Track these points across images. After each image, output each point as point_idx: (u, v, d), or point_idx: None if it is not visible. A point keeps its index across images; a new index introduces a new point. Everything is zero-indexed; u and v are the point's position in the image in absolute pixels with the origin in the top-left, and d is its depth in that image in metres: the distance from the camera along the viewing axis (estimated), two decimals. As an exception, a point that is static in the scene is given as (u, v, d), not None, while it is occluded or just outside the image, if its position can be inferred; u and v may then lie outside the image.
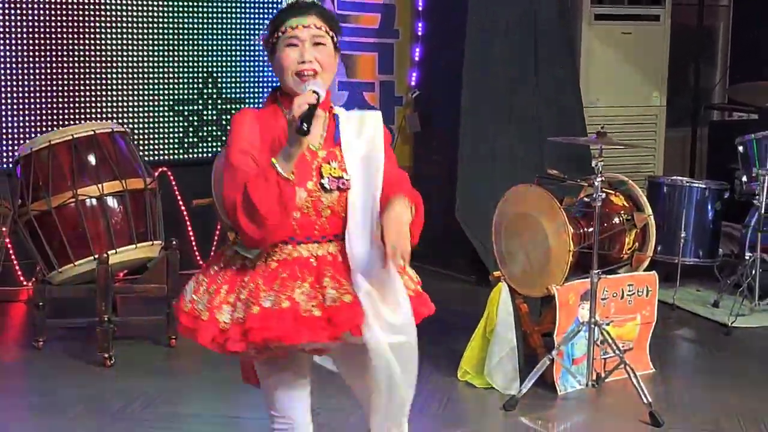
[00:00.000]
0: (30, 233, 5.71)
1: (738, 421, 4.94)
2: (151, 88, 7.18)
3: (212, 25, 7.33)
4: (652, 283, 5.53)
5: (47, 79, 6.81)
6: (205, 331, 2.99)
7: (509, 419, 4.93)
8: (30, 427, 4.84)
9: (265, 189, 2.83)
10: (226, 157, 3.00)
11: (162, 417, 4.85)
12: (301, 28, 3.01)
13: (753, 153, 6.94)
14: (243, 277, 3.01)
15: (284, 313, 2.90)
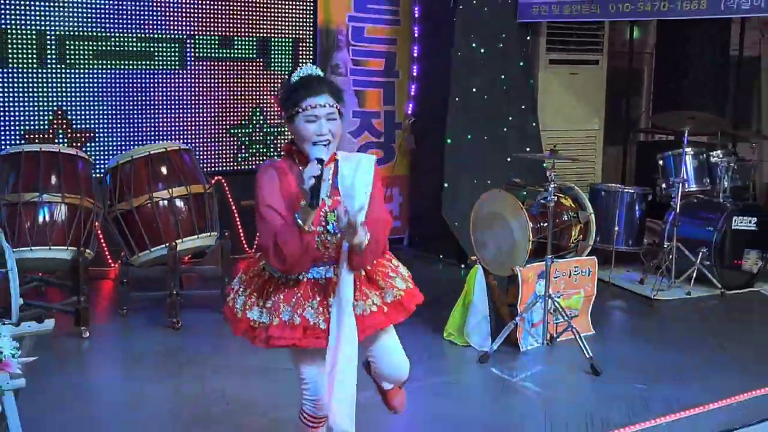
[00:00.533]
0: (116, 227, 5.72)
1: (658, 370, 4.95)
2: (211, 115, 7.17)
3: (258, 68, 7.32)
4: (592, 266, 5.53)
5: (130, 105, 6.80)
6: (239, 325, 3.10)
7: (482, 370, 4.93)
8: (117, 374, 4.85)
9: (291, 239, 2.87)
10: (257, 210, 2.99)
11: (218, 367, 4.86)
12: (318, 107, 2.95)
13: (670, 166, 6.95)
14: (269, 288, 3.07)
15: (296, 327, 2.99)
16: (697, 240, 6.61)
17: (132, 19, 6.70)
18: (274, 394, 4.47)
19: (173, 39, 6.90)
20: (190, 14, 6.94)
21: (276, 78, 7.41)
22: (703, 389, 4.66)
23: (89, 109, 6.63)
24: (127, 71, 6.75)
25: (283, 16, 7.35)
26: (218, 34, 7.09)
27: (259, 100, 7.37)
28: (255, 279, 3.12)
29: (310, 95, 2.95)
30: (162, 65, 6.89)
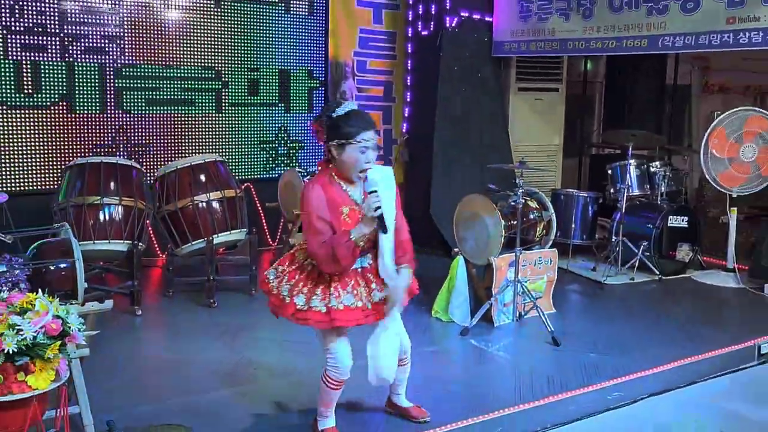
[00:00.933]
0: (163, 224, 5.72)
1: (607, 342, 4.95)
2: (243, 131, 7.16)
3: (286, 90, 7.31)
4: (554, 256, 5.52)
5: (174, 122, 6.80)
6: (286, 309, 3.10)
7: (464, 341, 4.93)
8: (165, 344, 4.85)
9: (345, 251, 2.94)
10: (308, 221, 2.99)
11: (247, 340, 4.86)
12: (370, 140, 3.00)
13: (617, 174, 6.94)
14: (315, 275, 3.08)
15: (357, 309, 3.07)
16: (639, 235, 6.61)
17: (176, 60, 6.69)
18: (291, 361, 4.48)
19: (210, 78, 6.89)
20: (224, 52, 6.93)
21: (295, 102, 7.40)
22: (643, 357, 4.67)
23: (144, 128, 6.62)
24: (173, 111, 6.73)
25: (299, 51, 7.35)
26: (246, 66, 7.09)
27: (281, 119, 7.36)
28: (297, 271, 3.11)
29: (364, 130, 3.00)
30: (199, 82, 6.88)
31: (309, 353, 4.45)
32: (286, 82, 7.30)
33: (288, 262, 3.19)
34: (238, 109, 7.08)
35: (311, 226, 2.98)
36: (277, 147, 7.37)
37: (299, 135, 7.48)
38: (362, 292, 3.11)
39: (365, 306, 3.10)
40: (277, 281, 3.16)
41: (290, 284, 3.10)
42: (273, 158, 7.37)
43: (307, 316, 3.06)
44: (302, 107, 7.45)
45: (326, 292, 3.06)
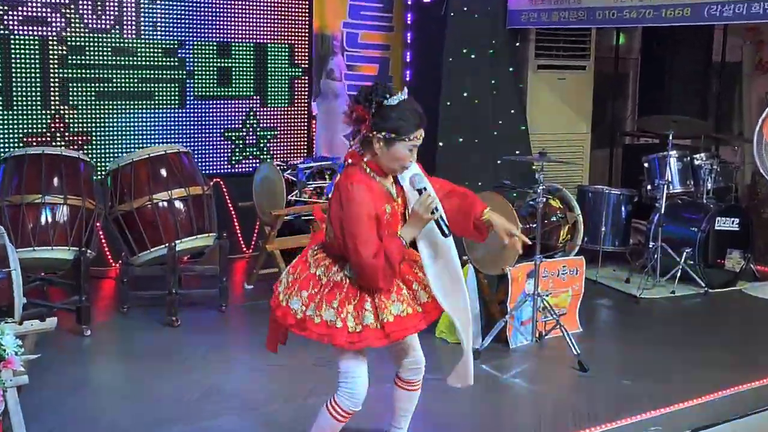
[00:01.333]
0: (117, 227, 5.71)
1: (643, 367, 4.95)
2: (208, 119, 7.16)
3: (250, 74, 7.31)
4: (580, 265, 5.53)
5: (129, 113, 6.79)
6: (340, 335, 3.11)
7: (474, 367, 4.91)
8: (117, 370, 4.84)
9: (398, 256, 3.04)
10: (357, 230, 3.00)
11: (216, 363, 4.85)
12: (420, 138, 3.12)
13: (655, 168, 6.95)
14: (357, 292, 3.13)
15: (410, 316, 3.15)
16: (681, 240, 6.62)
17: (131, 25, 6.69)
18: (268, 389, 4.47)
19: (171, 48, 6.89)
20: (187, 20, 6.93)
21: (274, 83, 7.40)
22: (686, 385, 4.67)
23: (87, 112, 6.62)
24: (128, 80, 6.73)
25: (279, 23, 7.35)
26: (216, 40, 7.09)
27: (253, 104, 7.36)
28: (337, 291, 3.14)
29: (417, 127, 3.10)
30: (162, 73, 6.88)
31: (288, 380, 4.45)
32: (262, 67, 7.30)
33: (311, 283, 3.18)
34: (205, 94, 7.09)
35: (360, 235, 2.99)
36: (246, 136, 7.37)
37: (272, 121, 7.48)
38: (407, 296, 3.19)
39: (416, 310, 3.18)
40: (313, 308, 3.14)
41: (334, 307, 3.11)
42: (243, 150, 7.37)
43: (363, 337, 3.10)
44: (281, 100, 7.46)
45: (374, 305, 3.12)
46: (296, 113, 7.61)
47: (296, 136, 7.62)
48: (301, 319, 3.15)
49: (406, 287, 3.20)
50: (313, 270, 3.19)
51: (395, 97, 3.09)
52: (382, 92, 3.10)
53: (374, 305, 3.11)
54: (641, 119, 8.30)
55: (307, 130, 7.68)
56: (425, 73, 7.59)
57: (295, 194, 6.43)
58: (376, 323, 3.10)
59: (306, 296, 3.15)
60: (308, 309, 3.14)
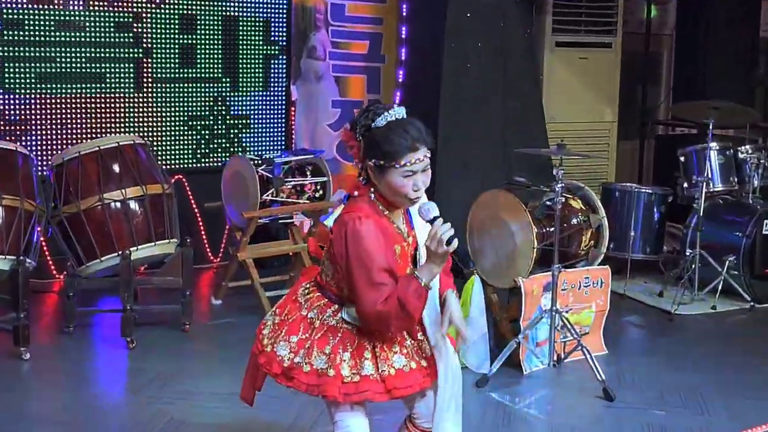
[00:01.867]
0: (61, 232, 5.70)
1: (680, 395, 4.96)
2: (168, 105, 7.16)
3: (218, 53, 7.31)
4: (605, 276, 5.54)
5: (76, 97, 6.78)
6: (332, 386, 3.09)
7: (481, 395, 4.93)
8: (61, 401, 4.82)
9: (416, 301, 2.99)
10: (365, 273, 2.99)
11: (177, 394, 4.83)
12: (418, 162, 3.05)
13: (693, 163, 6.96)
14: (355, 338, 3.12)
15: (413, 372, 3.14)
16: (723, 246, 6.64)
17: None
18: (241, 423, 4.45)
19: (125, 20, 6.88)
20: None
21: (245, 63, 7.40)
22: (730, 416, 4.68)
23: (26, 98, 6.61)
24: (71, 51, 6.73)
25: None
26: (178, 12, 7.08)
27: (221, 88, 7.36)
28: (331, 336, 3.12)
29: (409, 150, 3.04)
30: (114, 49, 6.87)
31: (262, 412, 4.43)
32: (232, 45, 7.30)
33: (301, 327, 3.17)
34: (166, 80, 7.10)
35: (370, 279, 2.99)
36: (214, 126, 7.36)
37: (243, 108, 7.47)
38: (411, 348, 3.19)
39: (420, 365, 3.18)
40: (302, 355, 3.14)
41: (326, 353, 3.11)
42: (210, 141, 7.37)
43: (361, 388, 3.09)
44: (256, 84, 7.46)
45: (374, 354, 3.13)
46: (272, 98, 7.61)
47: (272, 125, 7.62)
48: (288, 368, 3.14)
49: (410, 338, 3.20)
50: (304, 312, 3.18)
51: (383, 117, 3.07)
52: (372, 115, 3.08)
53: (374, 354, 3.11)
54: (676, 105, 8.33)
55: (285, 119, 7.68)
56: (424, 51, 7.59)
57: (271, 193, 6.42)
58: (377, 374, 3.10)
59: (295, 342, 3.14)
60: (297, 356, 3.13)
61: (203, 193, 7.01)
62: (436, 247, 2.99)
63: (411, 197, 3.08)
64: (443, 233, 3.00)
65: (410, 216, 3.21)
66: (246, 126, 7.51)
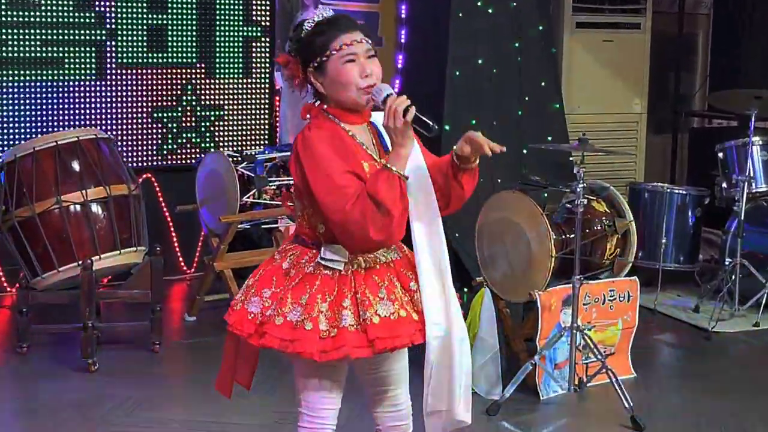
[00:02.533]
0: (14, 239, 5.70)
1: (718, 425, 4.97)
2: (135, 94, 7.17)
3: (191, 35, 7.32)
4: (633, 289, 5.55)
5: (30, 86, 6.79)
6: (308, 341, 3.05)
7: (492, 424, 4.94)
8: (14, 430, 4.84)
9: (389, 190, 2.95)
10: (324, 181, 3.01)
11: (146, 421, 4.83)
12: (355, 44, 3.09)
13: (733, 160, 6.97)
14: (335, 286, 3.10)
15: (402, 320, 3.10)
16: (767, 255, 6.65)
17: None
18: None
19: (87, 1, 6.92)
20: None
21: (222, 45, 7.42)
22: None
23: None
24: (25, 39, 6.74)
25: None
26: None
27: (193, 74, 7.37)
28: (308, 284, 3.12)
29: (342, 32, 3.11)
30: (76, 35, 6.89)
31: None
32: (208, 26, 7.31)
33: (274, 279, 3.18)
34: (127, 68, 7.13)
35: (331, 181, 3.00)
36: (183, 117, 7.37)
37: (219, 97, 7.49)
38: (401, 296, 3.15)
39: (411, 316, 3.13)
40: (273, 308, 3.13)
41: (301, 303, 3.10)
42: (178, 135, 7.37)
43: (338, 343, 3.05)
44: (234, 71, 7.47)
45: (355, 301, 3.09)
46: (253, 87, 7.62)
47: (253, 117, 7.63)
48: (260, 324, 3.12)
49: (401, 285, 3.17)
50: (277, 262, 3.20)
51: (309, 22, 3.15)
52: (299, 26, 3.18)
53: (355, 301, 3.08)
54: (714, 94, 8.34)
55: (268, 110, 7.70)
56: (427, 34, 7.60)
57: (253, 195, 6.43)
58: (356, 324, 3.06)
59: (268, 295, 3.14)
60: (269, 309, 3.12)
61: (175, 195, 7.02)
62: (393, 123, 3.01)
63: (361, 85, 3.09)
64: (397, 104, 3.02)
65: (382, 138, 3.21)
66: (223, 118, 7.52)
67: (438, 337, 3.13)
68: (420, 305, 3.14)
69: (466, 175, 3.19)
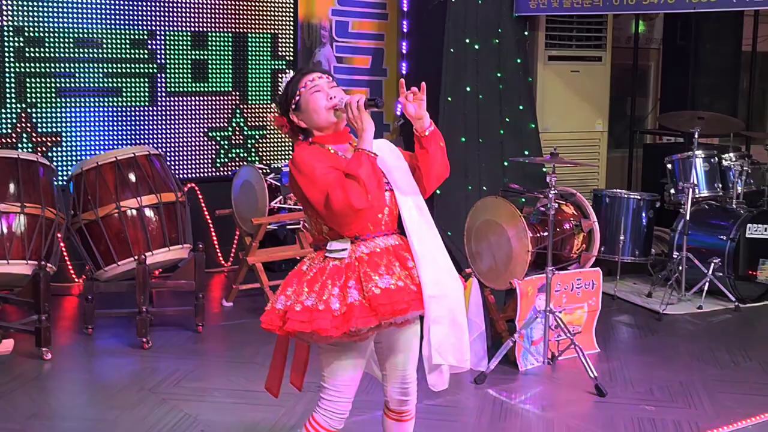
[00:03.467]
0: (80, 239, 5.70)
1: (668, 390, 4.96)
2: (187, 117, 7.17)
3: (240, 67, 7.33)
4: (597, 278, 5.54)
5: (94, 111, 6.79)
6: (323, 319, 3.04)
7: (479, 391, 4.93)
8: (82, 399, 4.83)
9: (358, 163, 3.03)
10: (312, 181, 3.06)
11: (191, 391, 4.84)
12: (317, 79, 3.22)
13: (679, 170, 6.98)
14: (342, 272, 3.11)
15: (400, 289, 3.07)
16: (708, 249, 6.65)
17: (100, 19, 6.70)
18: (252, 419, 4.46)
19: (140, 37, 6.90)
20: (158, 8, 6.94)
21: (254, 76, 7.42)
22: (716, 411, 4.68)
23: (46, 111, 6.62)
24: (96, 69, 6.75)
25: (260, 10, 7.36)
26: (191, 29, 7.10)
27: (237, 100, 7.37)
28: (319, 275, 3.12)
29: (305, 74, 3.24)
30: (132, 68, 6.89)
31: (273, 408, 4.44)
32: (242, 60, 7.32)
33: (295, 280, 3.17)
34: (182, 89, 7.12)
35: (317, 180, 3.05)
36: (232, 136, 7.38)
37: (257, 120, 7.49)
38: (399, 272, 3.13)
39: (409, 286, 3.10)
40: (293, 299, 3.12)
41: (315, 291, 3.09)
42: (225, 151, 7.38)
43: (347, 318, 3.03)
44: (263, 96, 7.48)
45: (359, 279, 3.09)
46: (280, 111, 7.61)
47: (280, 136, 7.63)
48: (284, 311, 3.13)
49: (399, 263, 3.14)
50: (299, 267, 3.23)
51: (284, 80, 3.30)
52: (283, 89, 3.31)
53: (359, 279, 3.08)
54: (663, 115, 8.31)
55: (292, 130, 7.68)
56: (424, 66, 7.60)
57: (279, 201, 6.43)
58: (360, 297, 3.05)
59: (290, 292, 3.15)
60: (289, 300, 3.13)
61: (215, 201, 7.02)
62: (352, 112, 3.14)
63: (327, 106, 3.19)
64: (350, 99, 3.17)
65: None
66: (257, 138, 7.51)
67: (434, 297, 3.12)
68: (417, 281, 3.12)
69: (425, 140, 3.31)
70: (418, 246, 3.17)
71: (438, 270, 3.16)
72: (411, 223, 3.20)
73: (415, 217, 3.21)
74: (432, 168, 3.27)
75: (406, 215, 3.21)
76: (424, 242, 3.19)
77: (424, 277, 3.12)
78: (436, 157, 3.28)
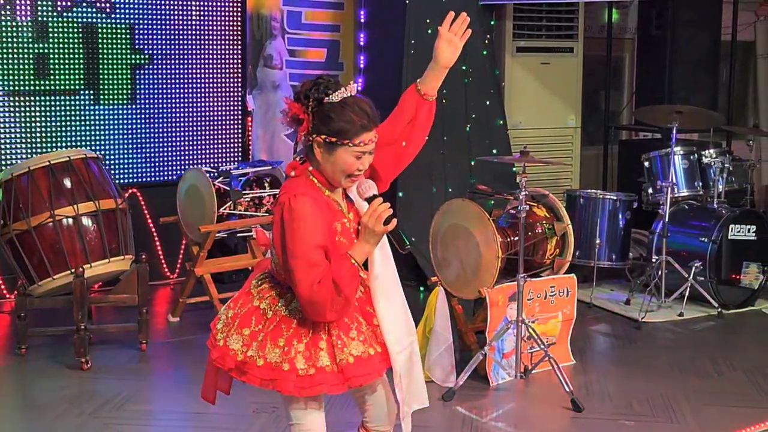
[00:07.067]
0: (11, 250, 5.64)
1: (649, 404, 5.01)
2: (120, 118, 7.12)
3: (174, 56, 7.30)
4: (571, 285, 5.58)
5: (24, 109, 6.73)
6: (287, 380, 3.07)
7: (447, 409, 4.94)
8: (14, 426, 4.77)
9: (349, 279, 3.00)
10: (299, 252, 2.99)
11: (135, 415, 4.80)
12: (370, 143, 3.09)
13: (657, 168, 7.03)
14: (310, 328, 3.11)
15: (371, 358, 3.14)
16: (689, 252, 6.71)
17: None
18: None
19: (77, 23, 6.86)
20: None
21: (203, 73, 7.38)
22: (699, 425, 4.72)
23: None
24: (20, 65, 6.68)
25: (206, 1, 7.34)
26: (125, 23, 7.06)
27: (180, 96, 7.33)
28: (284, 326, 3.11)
29: (364, 130, 3.07)
30: (64, 51, 6.84)
31: (219, 429, 4.42)
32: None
33: (254, 319, 3.15)
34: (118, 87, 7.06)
35: (305, 258, 2.98)
36: (165, 138, 7.32)
37: (198, 119, 7.46)
38: (367, 333, 3.18)
39: (376, 351, 3.17)
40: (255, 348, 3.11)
41: (280, 346, 3.08)
42: (166, 152, 7.33)
43: (317, 381, 3.07)
44: (208, 93, 7.44)
45: (331, 343, 3.10)
46: (227, 109, 7.59)
47: (228, 136, 7.59)
48: (241, 362, 3.12)
49: (365, 322, 3.20)
50: (256, 303, 3.17)
51: (338, 93, 3.08)
52: (324, 88, 3.09)
53: (330, 343, 3.09)
54: (639, 110, 8.41)
55: (241, 130, 7.66)
56: (383, 59, 7.62)
57: (229, 207, 6.41)
58: (333, 365, 3.09)
59: (248, 334, 3.13)
60: (250, 349, 3.11)
61: (159, 208, 6.98)
62: (373, 225, 3.03)
63: (355, 176, 3.10)
64: (381, 210, 3.04)
65: (349, 196, 3.21)
66: (201, 138, 7.48)
67: (401, 352, 3.19)
68: (381, 337, 3.19)
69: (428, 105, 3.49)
70: (384, 309, 3.19)
71: (399, 326, 3.22)
72: (377, 282, 3.19)
73: (381, 275, 3.20)
74: (422, 135, 3.37)
75: (373, 273, 3.19)
76: (390, 302, 3.22)
77: (389, 335, 3.18)
78: (429, 124, 3.39)
